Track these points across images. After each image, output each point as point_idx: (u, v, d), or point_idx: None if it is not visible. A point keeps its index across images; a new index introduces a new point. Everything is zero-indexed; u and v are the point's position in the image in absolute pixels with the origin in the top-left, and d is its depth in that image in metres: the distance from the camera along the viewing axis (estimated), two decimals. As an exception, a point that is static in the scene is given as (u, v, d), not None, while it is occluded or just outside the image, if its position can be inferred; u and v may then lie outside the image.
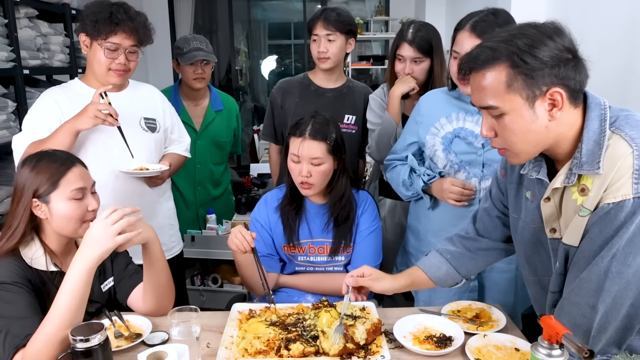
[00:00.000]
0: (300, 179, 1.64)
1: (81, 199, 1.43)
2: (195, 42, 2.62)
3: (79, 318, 1.25)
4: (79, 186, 1.42)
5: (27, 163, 1.43)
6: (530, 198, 1.22)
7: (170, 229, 2.12)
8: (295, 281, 1.78)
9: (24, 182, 1.40)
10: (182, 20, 5.56)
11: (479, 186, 1.69)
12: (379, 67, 5.24)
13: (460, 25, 1.61)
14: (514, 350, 1.32)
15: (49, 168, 1.40)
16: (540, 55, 1.01)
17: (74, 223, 1.42)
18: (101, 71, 1.83)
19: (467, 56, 1.11)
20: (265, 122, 2.45)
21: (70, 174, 1.42)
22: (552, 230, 1.17)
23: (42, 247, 1.42)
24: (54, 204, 1.40)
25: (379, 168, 2.32)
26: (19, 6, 2.66)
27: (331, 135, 1.64)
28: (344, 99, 2.26)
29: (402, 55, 2.06)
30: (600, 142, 1.05)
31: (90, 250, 1.27)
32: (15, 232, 1.38)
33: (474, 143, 1.68)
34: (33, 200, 1.39)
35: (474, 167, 1.68)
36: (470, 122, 1.69)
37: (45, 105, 1.83)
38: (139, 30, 1.82)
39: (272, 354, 1.32)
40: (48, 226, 1.43)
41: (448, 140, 1.72)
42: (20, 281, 1.32)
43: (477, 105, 1.11)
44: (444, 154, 1.72)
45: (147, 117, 1.98)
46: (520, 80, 1.02)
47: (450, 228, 1.65)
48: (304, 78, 2.32)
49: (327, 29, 2.13)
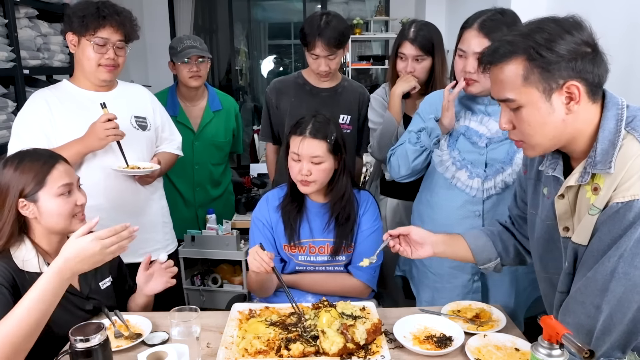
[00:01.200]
0: (300, 178, 1.64)
1: (69, 194, 1.44)
2: (189, 41, 2.62)
3: (41, 323, 1.21)
4: (66, 182, 1.43)
5: (9, 163, 1.41)
6: (547, 194, 1.23)
7: (164, 226, 2.13)
8: (296, 281, 1.78)
9: (7, 182, 1.39)
10: (182, 20, 5.56)
11: (481, 186, 1.68)
12: (379, 67, 5.24)
13: (467, 23, 1.60)
14: (514, 350, 1.32)
15: (33, 166, 1.40)
16: (558, 48, 1.02)
17: (64, 219, 1.43)
18: (91, 68, 1.83)
19: (487, 50, 1.12)
20: (263, 122, 2.45)
21: (55, 171, 1.42)
22: (565, 229, 1.18)
23: (34, 248, 1.42)
24: (42, 202, 1.40)
25: (380, 167, 2.32)
26: (19, 6, 2.66)
27: (332, 135, 1.64)
28: (338, 98, 2.26)
29: (403, 54, 2.07)
30: (615, 142, 1.05)
31: (79, 265, 1.24)
32: (0, 233, 1.38)
33: (478, 142, 1.68)
34: (20, 200, 1.38)
35: (476, 166, 1.68)
36: (475, 122, 1.68)
37: (36, 108, 1.82)
38: (125, 25, 1.83)
39: (272, 354, 1.32)
40: (38, 226, 1.43)
41: (454, 138, 1.71)
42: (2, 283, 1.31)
43: (496, 98, 1.12)
44: (448, 150, 1.72)
45: (138, 116, 1.98)
46: (537, 74, 1.03)
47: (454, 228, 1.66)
48: (298, 77, 2.31)
49: (329, 51, 2.09)
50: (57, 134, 1.79)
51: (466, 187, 1.70)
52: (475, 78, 1.57)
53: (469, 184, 1.70)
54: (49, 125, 1.80)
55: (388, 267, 2.33)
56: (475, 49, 1.55)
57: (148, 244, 2.03)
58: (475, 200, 1.69)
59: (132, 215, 1.96)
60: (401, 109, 2.09)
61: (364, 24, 5.33)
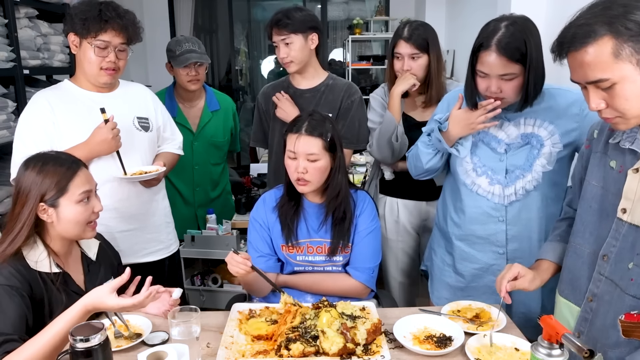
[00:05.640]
0: (296, 176, 1.64)
1: (87, 201, 1.44)
2: (187, 44, 2.60)
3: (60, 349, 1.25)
4: (86, 189, 1.43)
5: (32, 166, 1.41)
6: (615, 168, 1.22)
7: (167, 227, 2.13)
8: (294, 281, 1.78)
9: (29, 185, 1.38)
10: (182, 20, 5.57)
11: (502, 192, 1.66)
12: (379, 67, 5.24)
13: (483, 44, 1.52)
14: (514, 350, 1.32)
15: (56, 172, 1.40)
16: (638, 19, 1.01)
17: (80, 226, 1.44)
18: (92, 71, 1.82)
19: (560, 39, 1.10)
20: (254, 128, 2.43)
21: (77, 177, 1.42)
22: (622, 210, 1.18)
23: (46, 249, 1.42)
24: (62, 208, 1.40)
25: (379, 167, 2.32)
26: (19, 6, 2.66)
27: (328, 132, 1.65)
28: (320, 97, 2.23)
29: (399, 53, 2.07)
30: None
31: (96, 304, 1.29)
32: (18, 235, 1.37)
33: (497, 149, 1.66)
34: (40, 205, 1.38)
35: (496, 173, 1.66)
36: (495, 128, 1.65)
37: (39, 109, 1.81)
38: (128, 28, 1.82)
39: (272, 354, 1.32)
40: (52, 229, 1.43)
41: (473, 145, 1.69)
42: (17, 285, 1.31)
43: (583, 81, 1.10)
44: (468, 157, 1.70)
45: (140, 117, 1.98)
46: (628, 47, 1.02)
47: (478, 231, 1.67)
48: (284, 81, 2.31)
49: (281, 34, 2.10)
50: (59, 135, 1.79)
51: (487, 193, 1.68)
52: (502, 96, 1.55)
53: (490, 190, 1.68)
54: (51, 127, 1.79)
55: (386, 267, 2.34)
56: (498, 72, 1.51)
57: (152, 244, 2.03)
58: (498, 206, 1.67)
59: (137, 216, 1.96)
60: (401, 108, 2.09)
61: (364, 24, 5.33)
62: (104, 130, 1.76)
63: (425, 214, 2.24)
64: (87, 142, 1.77)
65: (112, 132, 1.76)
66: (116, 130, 1.78)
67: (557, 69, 1.19)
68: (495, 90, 1.54)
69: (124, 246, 1.85)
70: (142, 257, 1.99)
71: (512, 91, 1.54)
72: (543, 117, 1.61)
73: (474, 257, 1.75)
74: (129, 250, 1.89)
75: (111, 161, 1.85)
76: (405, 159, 2.18)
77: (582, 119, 1.57)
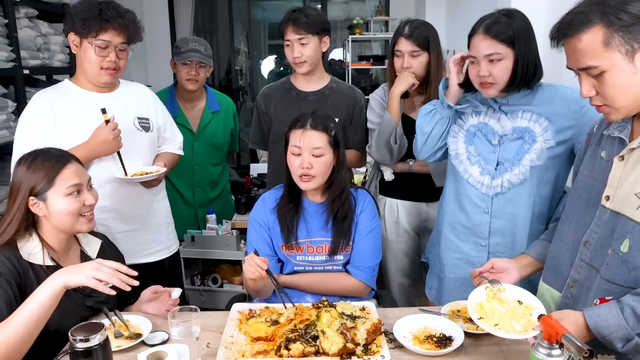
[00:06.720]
0: (301, 171, 1.64)
1: (78, 194, 1.46)
2: (194, 44, 2.61)
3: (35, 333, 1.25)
4: (75, 182, 1.45)
5: (23, 162, 1.45)
6: (605, 157, 1.24)
7: (167, 227, 2.13)
8: (294, 281, 1.78)
9: (20, 180, 1.43)
10: (182, 20, 5.56)
11: (490, 183, 1.69)
12: (379, 67, 5.24)
13: (473, 30, 1.60)
14: (517, 303, 1.30)
15: (44, 166, 1.43)
16: (633, 10, 1.04)
17: (71, 218, 1.46)
18: (93, 70, 1.82)
19: (558, 24, 1.14)
20: (253, 129, 2.42)
21: (65, 170, 1.45)
22: (606, 198, 1.20)
23: (41, 243, 1.45)
24: (51, 201, 1.43)
25: (379, 167, 2.32)
26: (19, 6, 2.66)
27: (332, 127, 1.65)
28: (325, 101, 2.23)
29: (400, 51, 2.07)
30: None
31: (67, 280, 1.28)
32: (7, 228, 1.41)
33: (492, 141, 1.68)
34: (30, 199, 1.41)
35: (488, 163, 1.69)
36: (494, 119, 1.69)
37: (39, 109, 1.81)
38: (128, 28, 1.82)
39: (272, 354, 1.32)
40: (47, 223, 1.46)
41: (471, 134, 1.73)
42: (5, 272, 1.34)
43: (575, 67, 1.14)
44: (465, 145, 1.74)
45: (141, 117, 1.98)
46: (618, 37, 1.05)
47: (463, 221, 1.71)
48: (286, 82, 2.30)
49: (298, 33, 2.08)
50: (60, 135, 1.79)
51: (477, 182, 1.71)
52: (491, 80, 1.57)
53: (480, 180, 1.70)
54: (52, 127, 1.79)
55: (386, 266, 2.34)
56: (485, 52, 1.55)
57: (152, 245, 2.03)
58: (484, 197, 1.70)
59: (137, 216, 1.96)
60: (400, 109, 2.09)
61: (364, 24, 5.33)
62: (105, 130, 1.76)
63: (425, 215, 2.24)
64: (88, 143, 1.77)
65: (113, 133, 1.76)
66: (117, 131, 1.78)
67: (558, 67, 1.20)
68: (485, 74, 1.57)
69: (125, 247, 1.85)
70: (143, 258, 1.99)
71: (500, 74, 1.56)
72: (540, 112, 1.62)
73: (457, 246, 1.79)
74: (130, 250, 1.89)
75: (112, 162, 1.85)
76: (405, 160, 2.19)
77: (581, 117, 1.58)
